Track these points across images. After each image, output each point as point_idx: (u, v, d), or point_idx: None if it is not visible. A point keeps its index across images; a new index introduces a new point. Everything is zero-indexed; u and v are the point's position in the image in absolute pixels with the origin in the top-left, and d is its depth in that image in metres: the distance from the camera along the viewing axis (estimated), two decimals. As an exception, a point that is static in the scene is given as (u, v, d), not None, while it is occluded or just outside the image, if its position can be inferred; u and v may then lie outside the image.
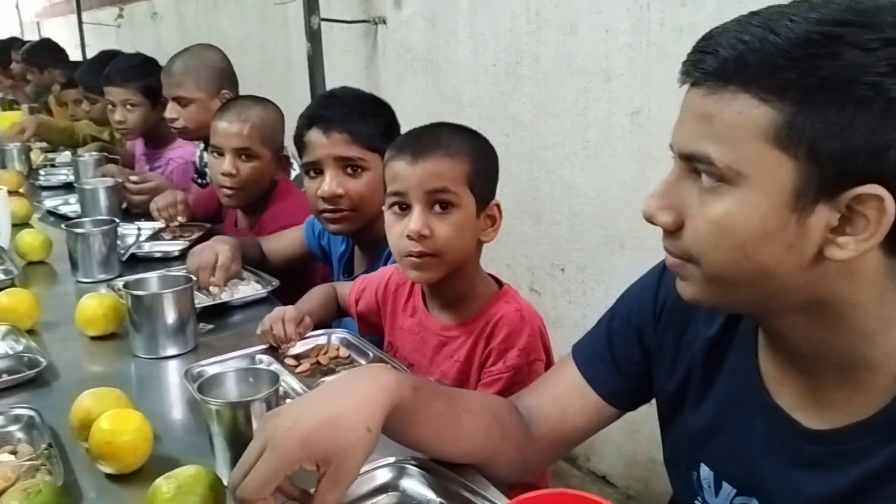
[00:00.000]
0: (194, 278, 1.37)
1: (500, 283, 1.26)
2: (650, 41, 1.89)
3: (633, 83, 1.96)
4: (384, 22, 2.86)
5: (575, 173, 2.17)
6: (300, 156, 1.55)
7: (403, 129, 1.60)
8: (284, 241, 1.77)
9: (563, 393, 0.95)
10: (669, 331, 0.87)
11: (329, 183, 1.47)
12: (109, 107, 2.61)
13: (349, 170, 1.48)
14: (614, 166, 2.05)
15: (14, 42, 5.64)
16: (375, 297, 1.36)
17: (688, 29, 1.79)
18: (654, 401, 0.94)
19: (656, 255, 2.03)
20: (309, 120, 1.50)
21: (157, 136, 2.65)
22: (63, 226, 1.69)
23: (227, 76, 2.28)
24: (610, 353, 0.93)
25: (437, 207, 1.15)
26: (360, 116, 1.48)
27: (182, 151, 2.63)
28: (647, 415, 1.27)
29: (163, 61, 4.68)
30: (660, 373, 0.89)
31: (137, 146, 2.83)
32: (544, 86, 2.22)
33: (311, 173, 1.51)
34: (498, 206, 1.22)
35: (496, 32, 2.37)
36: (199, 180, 2.49)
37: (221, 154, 1.80)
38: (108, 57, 2.84)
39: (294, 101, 3.50)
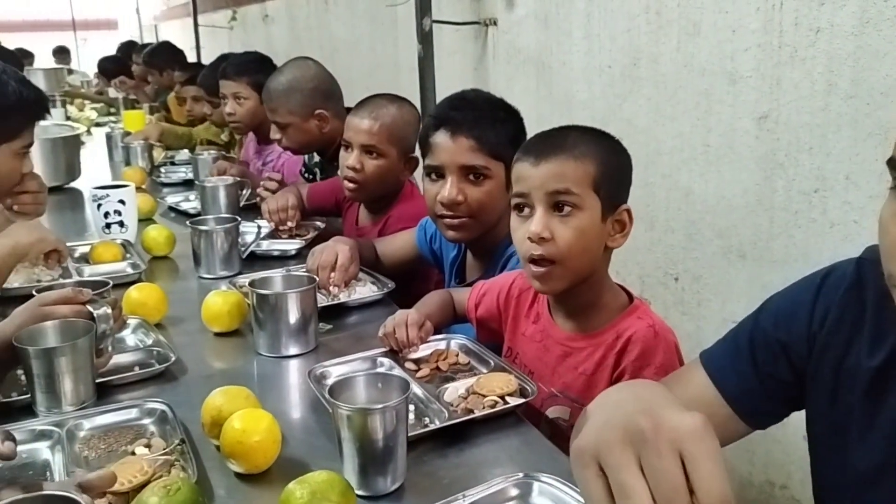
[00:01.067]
0: (317, 279, 1.38)
1: (630, 296, 1.21)
2: (782, 42, 1.79)
3: (762, 86, 1.86)
4: (495, 23, 2.83)
5: (693, 179, 2.09)
6: (423, 156, 1.54)
7: (501, 107, 1.59)
8: (397, 244, 1.77)
9: (689, 400, 0.89)
10: (828, 354, 0.80)
11: (450, 189, 1.45)
12: (223, 100, 2.72)
13: (471, 177, 1.46)
14: (737, 173, 1.96)
15: (134, 45, 5.95)
16: (497, 302, 1.34)
17: (826, 29, 1.69)
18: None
19: (781, 267, 1.91)
20: (437, 121, 1.49)
21: (267, 131, 2.72)
22: (188, 223, 1.75)
23: (321, 94, 2.25)
24: (753, 369, 0.86)
25: (558, 210, 1.12)
26: (489, 123, 1.46)
27: (293, 160, 2.68)
28: (761, 435, 1.21)
29: (273, 61, 4.81)
30: (817, 399, 0.82)
31: (250, 146, 2.91)
32: (663, 88, 2.14)
33: (433, 176, 1.50)
34: (628, 211, 1.17)
35: (612, 33, 2.31)
36: (307, 175, 2.53)
37: (350, 148, 1.83)
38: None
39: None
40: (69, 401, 1.10)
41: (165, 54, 4.36)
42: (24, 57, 5.65)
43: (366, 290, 1.56)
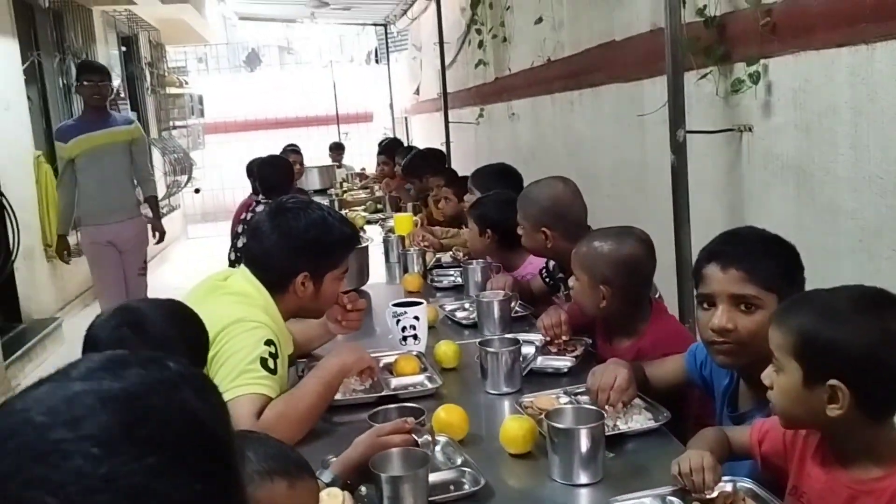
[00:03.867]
0: (606, 414, 1.52)
1: None
2: None
3: None
4: (750, 129, 2.86)
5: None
6: (696, 286, 1.66)
7: (774, 242, 1.66)
8: (667, 368, 1.86)
9: None
10: None
11: (720, 317, 1.54)
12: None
13: (742, 307, 1.54)
14: None
15: (398, 144, 6.63)
16: (783, 440, 1.39)
17: None
18: None
19: None
20: (709, 254, 1.61)
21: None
22: (477, 343, 1.98)
23: (551, 214, 2.45)
24: None
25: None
26: (760, 256, 1.55)
27: (532, 269, 2.87)
28: None
29: (516, 156, 5.16)
30: None
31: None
32: (944, 202, 2.06)
33: (705, 304, 1.60)
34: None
35: (883, 144, 2.26)
36: (547, 279, 2.71)
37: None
38: (493, 170, 3.38)
39: (649, 202, 3.63)
40: (406, 519, 1.32)
41: (421, 162, 4.86)
42: (293, 152, 6.35)
43: (641, 417, 1.66)
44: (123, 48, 8.41)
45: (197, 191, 10.24)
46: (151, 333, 1.40)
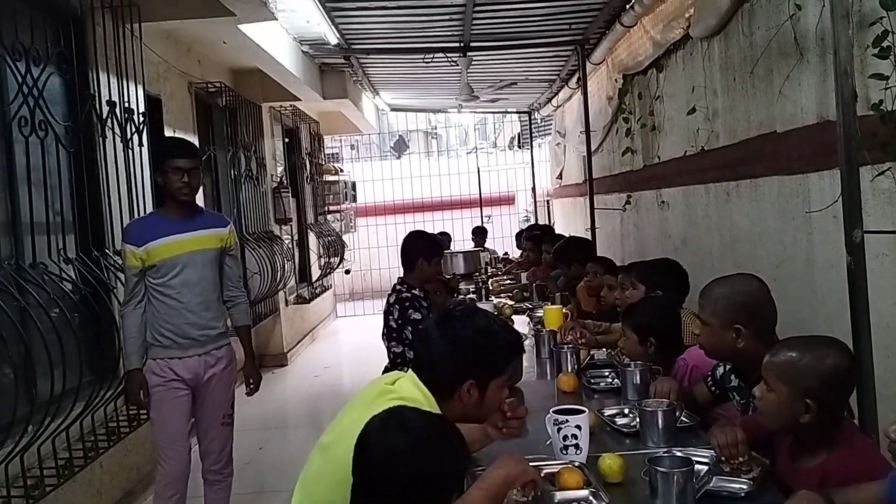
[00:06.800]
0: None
1: None
2: None
3: None
4: (937, 230, 2.67)
5: None
6: None
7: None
8: (861, 497, 1.71)
9: None
10: None
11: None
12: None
13: None
14: None
15: (548, 231, 6.67)
16: None
17: None
18: None
19: None
20: None
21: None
22: (646, 461, 1.90)
23: (746, 310, 2.33)
24: None
25: None
26: None
27: (696, 354, 2.74)
28: None
29: (665, 245, 5.04)
30: None
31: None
32: None
33: None
34: None
35: None
36: (712, 388, 2.58)
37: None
38: (659, 265, 3.45)
39: (818, 302, 3.42)
40: None
41: (572, 250, 4.84)
42: (444, 239, 6.58)
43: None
44: (286, 140, 9.04)
45: (347, 272, 10.76)
46: (414, 440, 1.61)
